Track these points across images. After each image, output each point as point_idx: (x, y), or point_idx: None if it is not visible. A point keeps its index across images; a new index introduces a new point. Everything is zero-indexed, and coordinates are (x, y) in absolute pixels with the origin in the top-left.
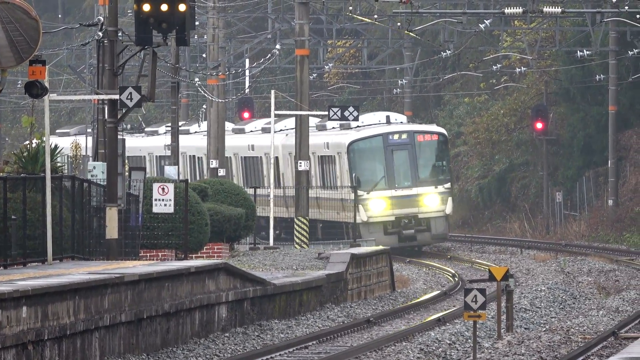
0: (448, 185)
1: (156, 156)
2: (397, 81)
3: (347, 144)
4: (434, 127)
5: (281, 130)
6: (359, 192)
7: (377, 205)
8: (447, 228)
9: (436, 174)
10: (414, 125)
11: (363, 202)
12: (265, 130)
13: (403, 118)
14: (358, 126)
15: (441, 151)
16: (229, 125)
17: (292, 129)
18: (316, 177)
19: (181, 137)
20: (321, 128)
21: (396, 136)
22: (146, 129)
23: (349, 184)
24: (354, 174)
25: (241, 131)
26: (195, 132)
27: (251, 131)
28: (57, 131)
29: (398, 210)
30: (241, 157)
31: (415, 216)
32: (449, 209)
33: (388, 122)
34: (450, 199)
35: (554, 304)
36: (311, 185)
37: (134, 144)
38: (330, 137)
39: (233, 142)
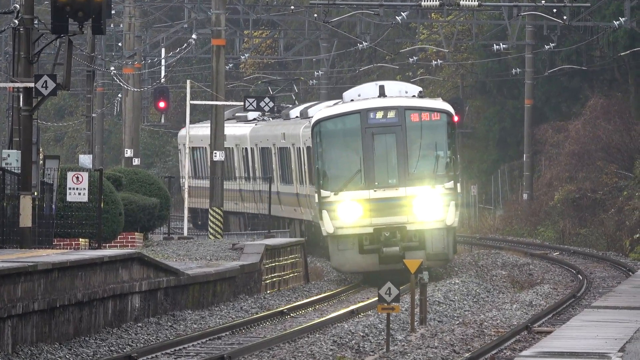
0: (451, 184)
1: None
2: (314, 72)
3: (312, 125)
4: (436, 103)
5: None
6: (324, 193)
7: (349, 212)
8: (450, 245)
9: (435, 168)
10: (405, 100)
11: (329, 206)
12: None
13: (414, 89)
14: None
15: (444, 136)
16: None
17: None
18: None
19: (234, 125)
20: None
21: (380, 114)
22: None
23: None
24: (317, 167)
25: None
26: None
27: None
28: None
29: (378, 218)
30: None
31: (403, 228)
32: (451, 218)
33: (382, 94)
34: (453, 203)
35: (468, 298)
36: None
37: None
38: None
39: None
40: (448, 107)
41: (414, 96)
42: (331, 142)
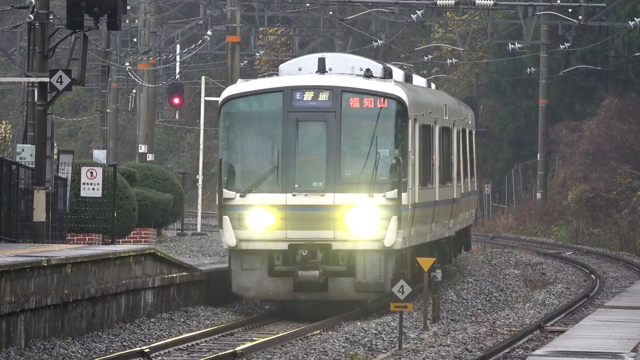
0: (394, 193)
1: None
2: None
3: (219, 103)
4: (386, 85)
5: None
6: (227, 193)
7: (259, 220)
8: (389, 274)
9: (376, 170)
10: (344, 79)
11: (232, 211)
12: None
13: (368, 65)
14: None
15: (391, 130)
16: None
17: None
18: None
19: None
20: None
21: (309, 95)
22: None
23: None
24: (221, 158)
25: None
26: None
27: None
28: None
29: (296, 232)
30: None
31: (327, 246)
32: (391, 237)
33: (322, 70)
34: (395, 218)
35: (481, 296)
36: None
37: None
38: None
39: None
40: (400, 92)
41: (359, 75)
42: (241, 127)
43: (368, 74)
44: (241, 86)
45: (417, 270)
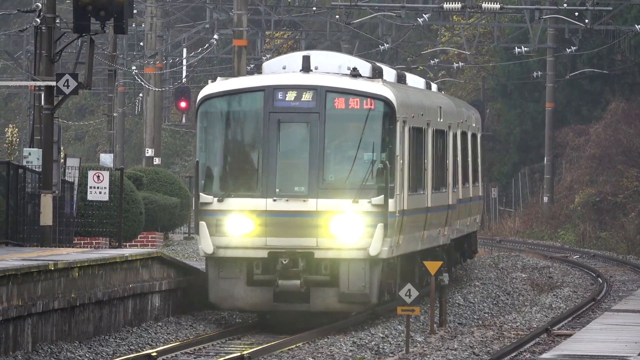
0: (380, 199)
1: None
2: None
3: (197, 103)
4: (373, 86)
5: None
6: (204, 198)
7: (237, 226)
8: (375, 284)
9: (361, 175)
10: (330, 78)
11: (209, 217)
12: None
13: (364, 66)
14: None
15: (378, 132)
16: None
17: None
18: None
19: None
20: None
21: (291, 94)
22: None
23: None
24: (198, 160)
25: None
26: None
27: None
28: None
29: (276, 239)
30: None
31: (309, 254)
32: (377, 246)
33: (306, 69)
34: (382, 226)
35: (488, 300)
36: None
37: None
38: None
39: None
40: (388, 93)
41: (345, 75)
42: (220, 128)
43: (355, 73)
44: (220, 85)
45: (407, 279)
